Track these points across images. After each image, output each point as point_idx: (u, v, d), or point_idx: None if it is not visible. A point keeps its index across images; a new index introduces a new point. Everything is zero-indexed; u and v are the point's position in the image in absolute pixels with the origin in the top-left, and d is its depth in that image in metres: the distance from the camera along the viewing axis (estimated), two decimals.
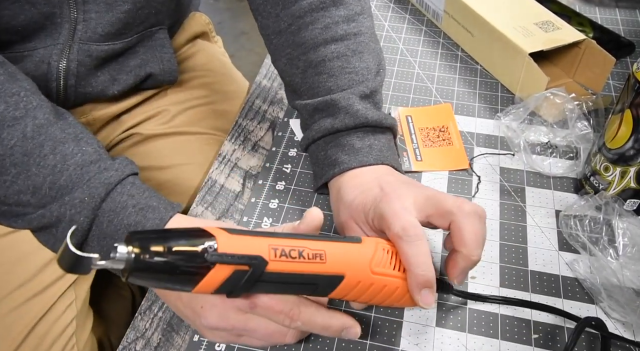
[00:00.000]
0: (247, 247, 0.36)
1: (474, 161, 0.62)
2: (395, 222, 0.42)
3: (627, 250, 0.50)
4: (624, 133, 0.51)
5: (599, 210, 0.53)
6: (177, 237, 0.34)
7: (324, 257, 0.38)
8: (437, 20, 0.82)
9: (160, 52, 0.67)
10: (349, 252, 0.40)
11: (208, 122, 0.75)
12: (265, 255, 0.36)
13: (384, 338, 0.47)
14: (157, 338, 0.49)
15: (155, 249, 0.33)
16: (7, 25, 0.53)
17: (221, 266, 0.35)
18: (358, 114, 0.53)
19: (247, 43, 2.20)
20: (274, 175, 0.61)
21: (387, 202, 0.44)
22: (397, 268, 0.42)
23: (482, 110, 0.69)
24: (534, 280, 0.51)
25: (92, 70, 0.61)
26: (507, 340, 0.47)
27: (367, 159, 0.52)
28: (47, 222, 0.45)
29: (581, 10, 0.85)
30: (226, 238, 0.35)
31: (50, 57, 0.58)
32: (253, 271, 0.36)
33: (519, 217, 0.56)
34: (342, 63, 0.55)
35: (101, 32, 0.59)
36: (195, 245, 0.34)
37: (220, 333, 0.42)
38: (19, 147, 0.44)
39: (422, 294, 0.41)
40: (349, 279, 0.40)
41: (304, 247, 0.38)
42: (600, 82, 0.68)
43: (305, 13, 0.56)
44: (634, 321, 0.46)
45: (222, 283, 0.35)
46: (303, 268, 0.38)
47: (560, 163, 0.61)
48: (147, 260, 0.33)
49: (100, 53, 0.60)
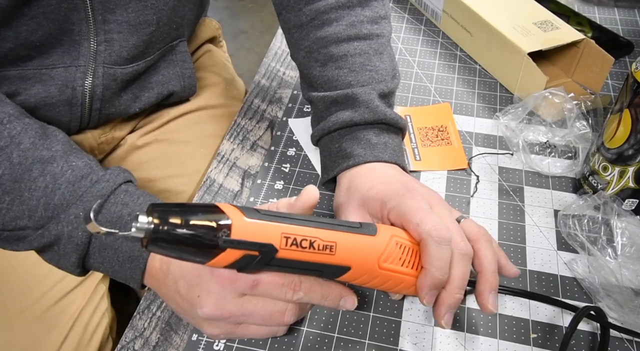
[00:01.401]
0: (260, 233, 0.37)
1: (472, 161, 0.62)
2: (426, 220, 0.42)
3: (626, 249, 0.50)
4: (622, 132, 0.51)
5: (597, 209, 0.53)
6: (195, 215, 0.36)
7: (334, 249, 0.39)
8: (436, 19, 0.82)
9: (182, 68, 0.67)
10: (360, 246, 0.41)
11: (203, 126, 0.74)
12: (277, 243, 0.37)
13: (383, 338, 0.47)
14: (156, 337, 0.49)
15: (173, 221, 0.35)
16: (25, 40, 0.54)
17: (232, 251, 0.36)
18: (377, 110, 0.53)
19: (247, 42, 2.20)
20: (272, 175, 0.61)
21: (412, 198, 0.45)
22: (405, 265, 0.42)
23: (481, 109, 0.69)
24: (533, 279, 0.51)
25: (116, 93, 0.61)
26: (506, 339, 0.47)
27: (382, 155, 0.52)
28: (47, 241, 0.45)
29: (580, 10, 0.85)
30: (241, 223, 0.36)
31: (74, 82, 0.57)
32: (262, 258, 0.37)
33: (518, 217, 0.56)
34: (364, 60, 0.56)
35: (126, 56, 0.59)
36: (210, 227, 0.35)
37: (218, 324, 0.42)
38: (8, 175, 0.45)
39: (430, 294, 0.42)
40: (354, 271, 0.41)
41: (316, 237, 0.39)
42: (599, 82, 0.68)
43: (330, 9, 0.57)
44: (632, 321, 0.46)
45: (232, 263, 0.37)
46: (311, 258, 0.39)
47: (559, 162, 0.61)
48: (164, 232, 0.34)
49: (125, 76, 0.60)
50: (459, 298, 0.43)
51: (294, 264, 0.39)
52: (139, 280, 0.46)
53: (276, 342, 0.47)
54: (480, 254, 0.45)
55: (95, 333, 0.62)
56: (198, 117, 0.74)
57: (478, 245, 0.45)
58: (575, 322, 0.44)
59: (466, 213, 0.56)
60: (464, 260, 0.43)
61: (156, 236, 0.34)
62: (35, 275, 0.60)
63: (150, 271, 0.45)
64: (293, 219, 0.39)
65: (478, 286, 0.44)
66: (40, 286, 0.60)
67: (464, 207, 0.57)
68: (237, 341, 0.47)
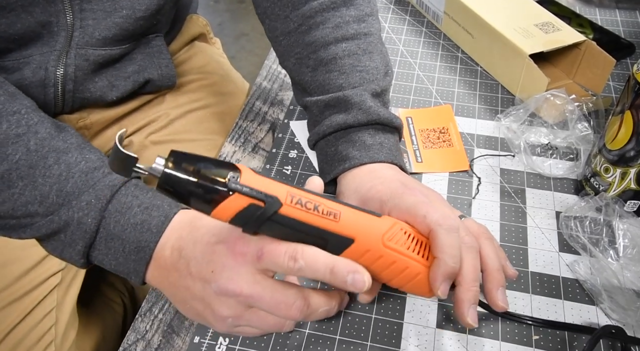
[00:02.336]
0: (267, 186, 0.38)
1: (474, 162, 0.62)
2: (432, 212, 0.43)
3: (628, 251, 0.50)
4: (624, 134, 0.51)
5: (599, 211, 0.53)
6: (208, 163, 0.38)
7: (338, 216, 0.40)
8: (437, 21, 0.82)
9: (158, 58, 0.68)
10: (364, 220, 0.41)
11: (207, 126, 0.75)
12: (282, 198, 0.38)
13: (385, 340, 0.47)
14: (158, 340, 0.49)
15: (186, 167, 0.37)
16: (3, 33, 0.54)
17: (238, 196, 0.37)
18: (370, 111, 0.53)
19: (248, 44, 2.20)
20: (274, 177, 0.61)
21: (411, 195, 0.45)
22: (412, 250, 0.42)
23: (483, 111, 0.69)
24: (535, 281, 0.51)
25: (89, 75, 0.62)
26: (508, 341, 0.47)
27: (378, 156, 0.52)
28: (55, 227, 0.46)
29: (581, 12, 0.85)
30: (250, 175, 0.38)
31: (47, 63, 0.58)
32: (266, 209, 0.38)
33: (520, 218, 0.56)
34: (353, 61, 0.56)
35: (98, 37, 0.59)
36: (221, 172, 0.38)
37: (230, 302, 0.42)
38: (24, 161, 0.46)
39: (444, 284, 0.41)
40: (359, 244, 0.41)
41: (321, 203, 0.40)
42: (600, 83, 0.68)
43: (315, 13, 0.57)
44: (634, 323, 0.46)
45: (237, 213, 0.38)
46: (315, 221, 0.39)
47: (560, 164, 0.61)
48: (179, 166, 0.37)
49: (98, 58, 0.61)
50: (476, 291, 0.43)
51: (298, 226, 0.39)
52: (142, 272, 0.46)
53: (278, 344, 0.47)
54: (483, 252, 0.45)
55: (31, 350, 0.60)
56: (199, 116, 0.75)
57: (479, 243, 0.45)
58: (594, 341, 0.44)
59: (468, 215, 0.56)
60: (472, 252, 0.43)
61: (170, 171, 0.37)
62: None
63: (157, 261, 0.45)
64: (302, 188, 0.40)
65: (485, 285, 0.44)
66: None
67: (465, 208, 0.57)
68: (238, 343, 0.47)
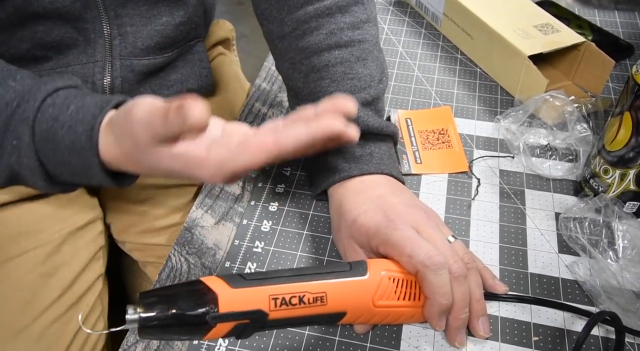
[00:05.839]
0: (247, 300, 0.38)
1: (473, 164, 0.62)
2: (417, 250, 0.43)
3: (627, 252, 0.50)
4: (623, 135, 0.51)
5: (598, 212, 0.53)
6: (181, 299, 0.37)
7: (325, 299, 0.40)
8: (436, 23, 0.82)
9: (199, 67, 0.68)
10: (352, 290, 0.41)
11: None
12: (266, 307, 0.38)
13: (384, 341, 0.47)
14: (157, 341, 0.49)
15: (160, 310, 0.36)
16: (41, 41, 0.54)
17: (223, 324, 0.37)
18: (359, 121, 0.53)
19: (247, 46, 2.20)
20: (273, 178, 0.61)
21: (395, 229, 0.45)
22: (401, 298, 0.43)
23: (482, 112, 0.69)
24: (534, 282, 0.51)
25: (135, 86, 0.61)
26: (507, 342, 0.47)
27: (367, 167, 0.52)
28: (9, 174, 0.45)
29: (580, 13, 0.85)
30: (227, 296, 0.38)
31: (93, 76, 0.58)
32: (254, 324, 0.39)
33: (519, 220, 0.56)
34: (345, 69, 0.55)
35: (141, 46, 0.59)
36: (197, 307, 0.37)
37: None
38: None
39: (441, 320, 0.44)
40: (351, 314, 0.42)
41: (305, 292, 0.39)
42: (599, 85, 0.68)
43: (310, 18, 0.56)
44: (633, 323, 0.46)
45: (226, 333, 0.38)
46: (304, 312, 0.40)
47: (559, 165, 0.61)
48: (154, 320, 0.36)
49: (142, 67, 0.60)
50: (465, 318, 0.45)
51: (289, 321, 0.40)
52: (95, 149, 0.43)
53: (278, 346, 0.47)
54: None
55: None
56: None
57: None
58: (589, 328, 0.44)
59: (467, 216, 0.57)
60: (459, 281, 0.44)
61: (146, 325, 0.36)
62: (34, 291, 0.59)
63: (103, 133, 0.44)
64: (280, 277, 0.40)
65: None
66: (38, 303, 0.59)
67: (464, 210, 0.57)
68: (239, 345, 0.47)
